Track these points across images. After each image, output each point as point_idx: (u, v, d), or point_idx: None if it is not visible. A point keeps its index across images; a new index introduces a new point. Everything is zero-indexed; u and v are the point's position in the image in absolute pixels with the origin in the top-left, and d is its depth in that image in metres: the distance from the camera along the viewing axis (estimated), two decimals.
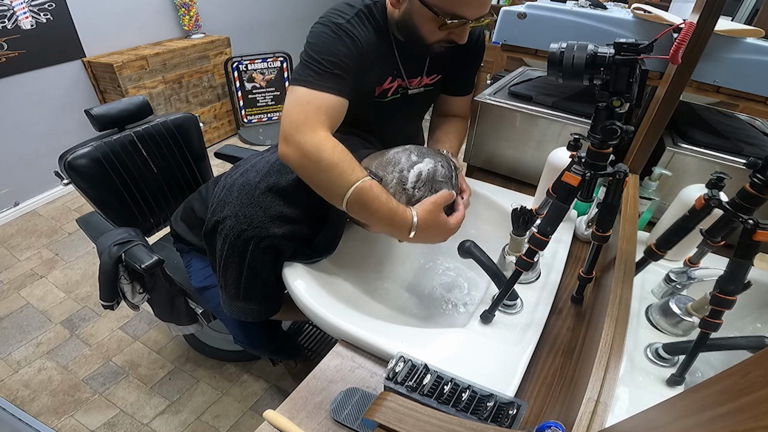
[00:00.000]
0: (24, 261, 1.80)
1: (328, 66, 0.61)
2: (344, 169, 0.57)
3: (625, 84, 0.45)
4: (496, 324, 0.63)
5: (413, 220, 0.58)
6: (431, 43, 0.68)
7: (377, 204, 0.57)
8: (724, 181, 0.53)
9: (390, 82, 0.77)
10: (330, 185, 0.59)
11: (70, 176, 0.98)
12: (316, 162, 0.58)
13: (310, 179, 0.61)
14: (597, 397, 0.42)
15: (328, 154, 0.57)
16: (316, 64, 0.61)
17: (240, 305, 0.73)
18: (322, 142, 0.58)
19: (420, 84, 0.81)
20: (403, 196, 0.62)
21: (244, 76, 2.71)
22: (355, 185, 0.57)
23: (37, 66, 1.91)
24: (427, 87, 0.83)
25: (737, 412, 0.19)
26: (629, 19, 0.83)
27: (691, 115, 0.96)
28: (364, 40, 0.66)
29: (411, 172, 0.62)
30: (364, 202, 0.57)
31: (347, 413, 0.52)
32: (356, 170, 0.58)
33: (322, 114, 0.60)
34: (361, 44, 0.65)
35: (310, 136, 0.58)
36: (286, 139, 0.60)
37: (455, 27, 0.64)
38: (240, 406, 1.27)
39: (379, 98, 0.78)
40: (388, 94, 0.78)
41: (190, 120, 1.18)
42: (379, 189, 0.58)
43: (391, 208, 0.58)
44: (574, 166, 0.52)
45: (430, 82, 0.82)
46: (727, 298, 0.47)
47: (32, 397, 1.29)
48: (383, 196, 0.58)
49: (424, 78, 0.80)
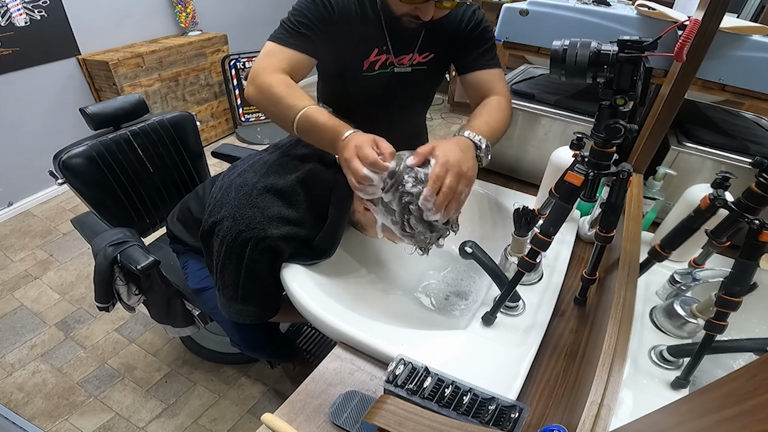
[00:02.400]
0: (18, 262, 1.78)
1: (297, 26, 0.70)
2: (292, 101, 0.65)
3: (628, 82, 0.45)
4: (498, 326, 0.62)
5: (346, 133, 0.61)
6: (399, 16, 0.71)
7: (320, 124, 0.63)
8: (729, 181, 0.52)
9: (376, 55, 0.78)
10: (282, 114, 0.66)
11: (64, 176, 0.97)
12: (269, 96, 0.66)
13: (268, 112, 0.69)
14: (600, 400, 0.42)
15: (279, 89, 0.66)
16: (288, 24, 0.71)
17: (237, 307, 0.72)
18: (275, 81, 0.67)
19: (411, 62, 0.81)
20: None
21: (242, 74, 2.69)
22: (302, 111, 0.64)
23: (31, 64, 1.90)
24: (420, 66, 0.82)
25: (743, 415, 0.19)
26: (633, 15, 0.83)
27: (696, 113, 0.96)
28: (339, 6, 0.72)
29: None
30: (310, 124, 0.64)
31: (346, 417, 0.52)
32: (303, 100, 0.65)
33: (284, 63, 0.69)
34: (332, 8, 0.71)
35: (268, 78, 0.67)
36: (251, 82, 0.68)
37: (418, 2, 0.67)
38: (237, 409, 1.26)
39: (367, 72, 0.80)
40: (375, 68, 0.79)
41: (186, 119, 1.17)
42: (322, 112, 0.63)
43: (333, 125, 0.62)
44: (577, 166, 0.52)
45: (423, 60, 0.82)
46: (732, 300, 0.47)
47: (26, 400, 1.27)
48: (325, 116, 0.63)
49: (416, 55, 0.80)
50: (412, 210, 0.58)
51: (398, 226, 0.62)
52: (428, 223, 0.60)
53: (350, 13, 0.73)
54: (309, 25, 0.70)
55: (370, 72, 0.79)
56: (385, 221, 0.64)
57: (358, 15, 0.73)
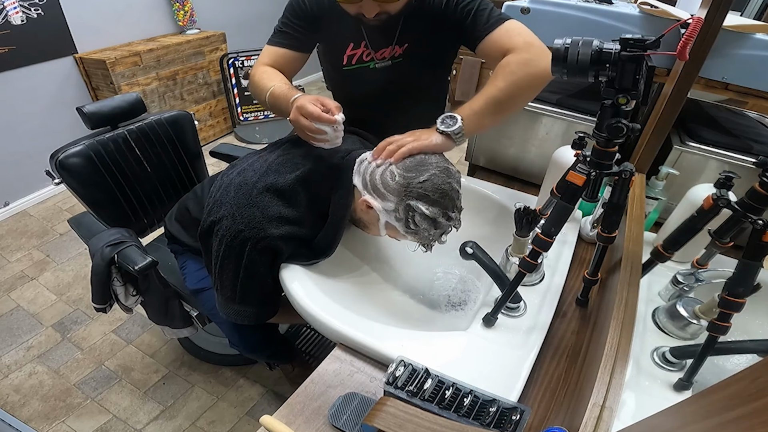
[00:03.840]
0: (14, 262, 1.77)
1: (280, 26, 0.84)
2: (266, 83, 0.77)
3: (631, 81, 0.44)
4: (499, 327, 0.62)
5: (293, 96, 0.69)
6: (354, 14, 0.74)
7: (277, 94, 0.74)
8: (732, 181, 0.52)
9: (352, 49, 0.83)
10: (261, 97, 0.78)
11: (61, 175, 0.96)
12: (253, 85, 0.82)
13: (254, 94, 0.82)
14: (602, 402, 0.41)
15: (257, 77, 0.80)
16: (276, 27, 0.85)
17: (236, 308, 0.71)
18: (258, 71, 0.82)
19: (393, 54, 0.83)
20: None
21: (240, 72, 2.68)
22: (270, 89, 0.75)
23: (28, 62, 1.88)
24: (399, 57, 0.84)
25: (747, 417, 0.19)
26: (635, 14, 0.83)
27: (699, 112, 0.95)
28: (313, 2, 0.80)
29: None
30: (273, 97, 0.75)
31: (346, 419, 0.51)
32: (273, 81, 0.77)
33: (269, 58, 0.84)
34: (306, 5, 0.80)
35: (254, 71, 0.83)
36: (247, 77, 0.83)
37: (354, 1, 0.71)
38: (236, 411, 1.25)
39: (347, 67, 0.86)
40: (352, 62, 0.85)
41: (184, 118, 1.17)
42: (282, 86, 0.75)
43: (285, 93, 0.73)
44: (579, 165, 0.52)
45: (402, 52, 0.83)
46: (736, 301, 0.46)
47: (23, 402, 1.26)
48: (283, 89, 0.74)
49: (396, 48, 0.83)
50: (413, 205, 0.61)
51: (402, 223, 0.63)
52: (432, 219, 0.61)
53: (324, 9, 0.80)
54: (288, 23, 0.82)
55: (349, 66, 0.85)
56: (388, 218, 0.64)
57: (334, 11, 0.78)
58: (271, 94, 0.74)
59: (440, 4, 0.78)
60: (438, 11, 0.78)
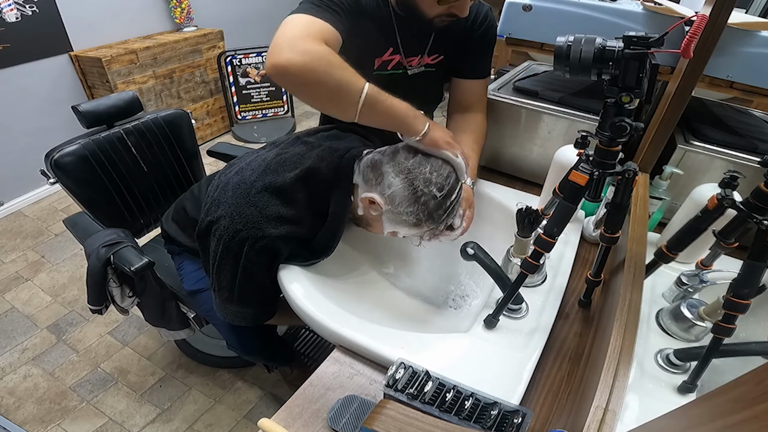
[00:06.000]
0: (9, 263, 1.76)
1: (326, 2, 0.64)
2: (352, 74, 0.56)
3: (634, 79, 0.44)
4: (501, 329, 0.61)
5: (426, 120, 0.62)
6: (432, 18, 0.70)
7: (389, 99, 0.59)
8: (737, 180, 0.51)
9: (390, 55, 0.78)
10: (345, 85, 0.55)
11: (56, 175, 0.95)
12: (328, 62, 0.54)
13: (320, 83, 0.55)
14: (605, 405, 0.41)
15: (336, 59, 0.55)
16: (316, 2, 0.63)
17: (234, 309, 0.71)
18: (327, 50, 0.55)
19: (420, 63, 0.81)
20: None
21: (238, 70, 2.67)
22: (366, 85, 0.56)
23: (23, 60, 1.87)
24: (428, 67, 0.82)
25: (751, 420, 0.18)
26: (639, 11, 0.82)
27: (703, 111, 0.95)
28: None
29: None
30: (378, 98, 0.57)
31: (345, 422, 0.51)
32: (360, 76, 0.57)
33: (322, 35, 0.59)
34: None
35: (316, 45, 0.55)
36: (291, 46, 0.53)
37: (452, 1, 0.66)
38: (234, 414, 1.25)
39: (379, 71, 0.80)
40: (387, 68, 0.80)
41: (181, 116, 1.16)
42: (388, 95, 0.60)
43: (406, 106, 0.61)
44: (582, 165, 0.51)
45: (432, 62, 0.82)
46: (740, 302, 0.46)
47: (17, 405, 1.25)
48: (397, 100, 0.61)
49: (425, 57, 0.81)
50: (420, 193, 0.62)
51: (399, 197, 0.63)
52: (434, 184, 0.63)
53: (370, 6, 0.72)
54: (339, 3, 0.65)
55: (381, 71, 0.80)
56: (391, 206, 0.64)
57: (378, 10, 0.73)
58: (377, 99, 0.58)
59: (475, 24, 0.79)
60: (470, 28, 0.80)
